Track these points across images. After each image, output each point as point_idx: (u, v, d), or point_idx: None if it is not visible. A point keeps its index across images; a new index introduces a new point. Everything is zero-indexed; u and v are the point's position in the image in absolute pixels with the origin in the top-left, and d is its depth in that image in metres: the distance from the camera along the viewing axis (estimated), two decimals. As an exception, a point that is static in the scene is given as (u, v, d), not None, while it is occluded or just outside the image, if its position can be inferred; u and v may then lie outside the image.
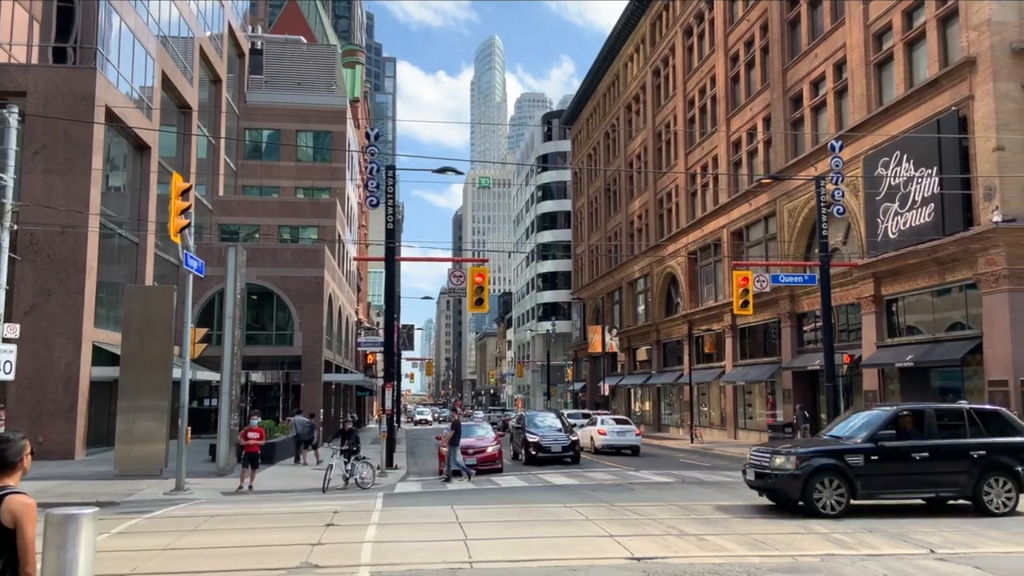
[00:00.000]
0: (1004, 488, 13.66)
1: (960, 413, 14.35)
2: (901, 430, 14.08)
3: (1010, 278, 22.88)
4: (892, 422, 14.04)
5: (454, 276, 28.46)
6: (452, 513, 14.07)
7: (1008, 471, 13.69)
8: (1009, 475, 13.68)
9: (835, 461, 13.49)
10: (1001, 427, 14.22)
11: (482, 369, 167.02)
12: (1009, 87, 23.54)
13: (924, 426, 14.05)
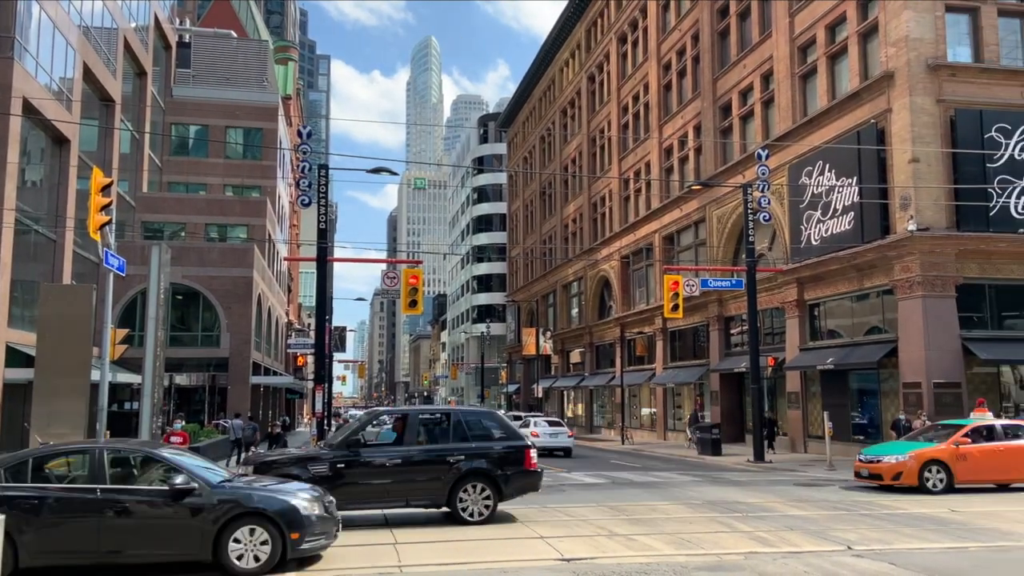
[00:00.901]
0: (482, 495, 13.03)
1: (446, 417, 13.83)
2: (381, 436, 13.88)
3: (923, 284, 23.92)
4: (367, 427, 13.54)
5: (388, 277, 28.18)
6: (382, 516, 13.92)
7: (486, 477, 13.08)
8: (487, 481, 13.07)
9: (298, 470, 12.48)
10: (487, 431, 13.72)
11: (416, 371, 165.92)
12: (924, 101, 24.62)
13: (405, 432, 13.44)
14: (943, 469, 16.99)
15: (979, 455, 17.27)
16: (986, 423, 18.30)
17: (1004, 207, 24.29)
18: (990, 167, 24.32)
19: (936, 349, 23.56)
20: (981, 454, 17.31)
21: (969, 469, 17.07)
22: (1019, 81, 25.21)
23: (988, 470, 17.38)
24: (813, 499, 16.16)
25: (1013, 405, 24.48)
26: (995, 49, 25.38)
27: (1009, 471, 17.51)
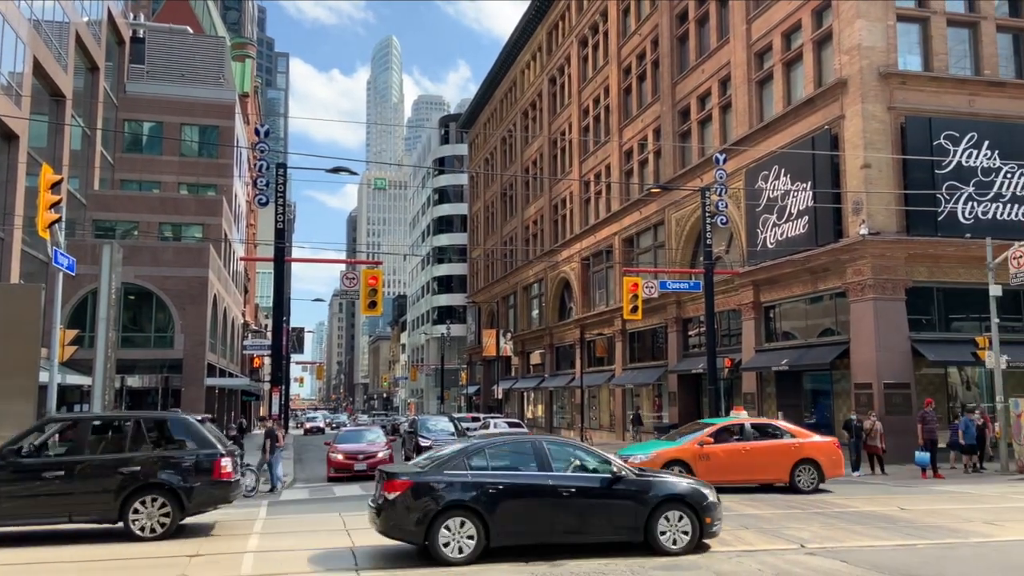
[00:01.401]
0: (159, 509, 11.91)
1: (127, 423, 12.67)
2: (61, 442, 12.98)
3: (875, 287, 24.47)
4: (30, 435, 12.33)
5: (347, 278, 27.92)
6: (340, 520, 13.79)
7: (165, 489, 11.94)
8: (166, 493, 11.95)
9: None
10: (170, 437, 12.64)
11: (375, 373, 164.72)
12: (876, 108, 25.20)
13: (78, 439, 12.40)
14: (684, 469, 16.58)
15: (723, 455, 17.29)
16: (736, 422, 18.58)
17: (952, 212, 24.97)
18: (938, 173, 24.98)
19: (886, 350, 24.11)
20: (725, 454, 17.34)
21: (711, 468, 16.74)
22: (967, 90, 25.94)
23: (730, 469, 17.24)
24: (767, 498, 16.41)
25: (960, 405, 25.15)
26: (944, 58, 26.09)
27: (753, 471, 17.56)
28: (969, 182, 25.18)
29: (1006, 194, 25.42)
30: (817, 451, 17.78)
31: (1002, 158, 25.39)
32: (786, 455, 17.60)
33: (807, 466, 17.54)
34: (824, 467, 17.61)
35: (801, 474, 17.48)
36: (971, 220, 25.01)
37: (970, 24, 26.76)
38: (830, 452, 17.93)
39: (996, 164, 25.37)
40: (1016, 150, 25.51)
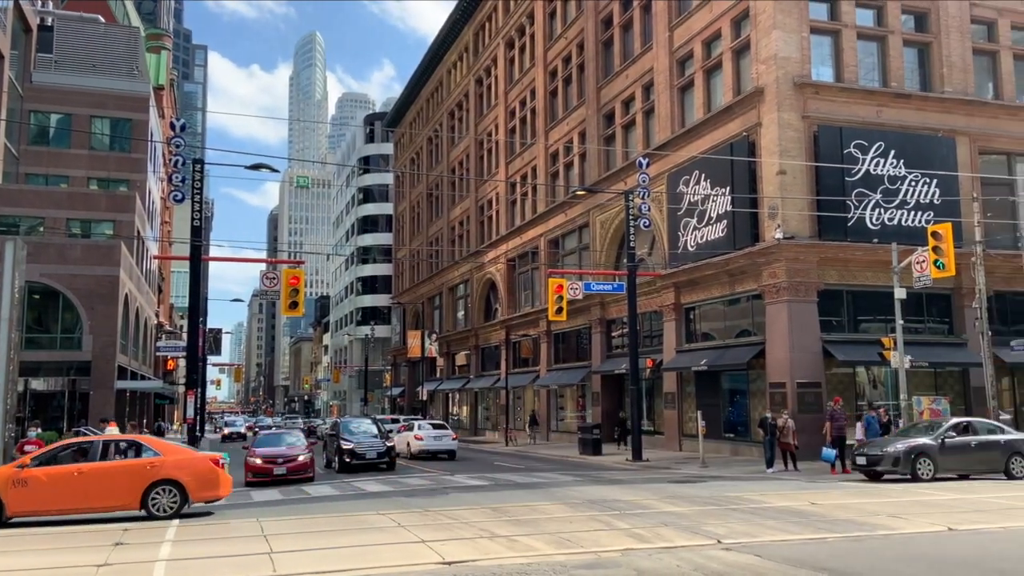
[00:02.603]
0: None
1: None
2: None
3: (789, 290, 25.33)
4: None
5: (267, 278, 27.24)
6: (257, 526, 13.41)
7: None
8: None
9: None
10: None
11: (296, 375, 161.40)
12: (791, 117, 26.10)
13: None
14: None
15: (46, 480, 14.31)
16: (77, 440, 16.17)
17: (861, 218, 26.06)
18: (849, 180, 26.04)
19: (799, 351, 24.99)
20: (49, 479, 14.34)
21: (28, 498, 14.12)
22: (875, 101, 27.13)
23: (58, 498, 14.34)
24: (686, 495, 16.76)
25: (867, 403, 26.24)
26: (854, 70, 27.22)
27: (90, 498, 14.54)
28: (877, 189, 26.33)
29: (910, 201, 26.67)
30: (181, 470, 15.02)
31: (907, 167, 26.64)
32: (139, 477, 14.77)
33: (167, 487, 14.84)
34: (189, 488, 14.95)
35: (158, 498, 14.77)
36: (878, 226, 26.15)
37: (879, 38, 28.01)
38: (199, 471, 15.24)
39: (902, 172, 26.60)
40: (920, 160, 26.82)
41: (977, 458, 19.47)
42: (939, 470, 18.93)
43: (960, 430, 19.80)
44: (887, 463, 19.17)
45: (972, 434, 19.76)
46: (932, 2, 28.43)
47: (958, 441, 19.40)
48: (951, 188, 26.92)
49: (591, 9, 39.52)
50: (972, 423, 20.39)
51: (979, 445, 19.51)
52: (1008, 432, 20.29)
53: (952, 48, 28.32)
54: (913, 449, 18.98)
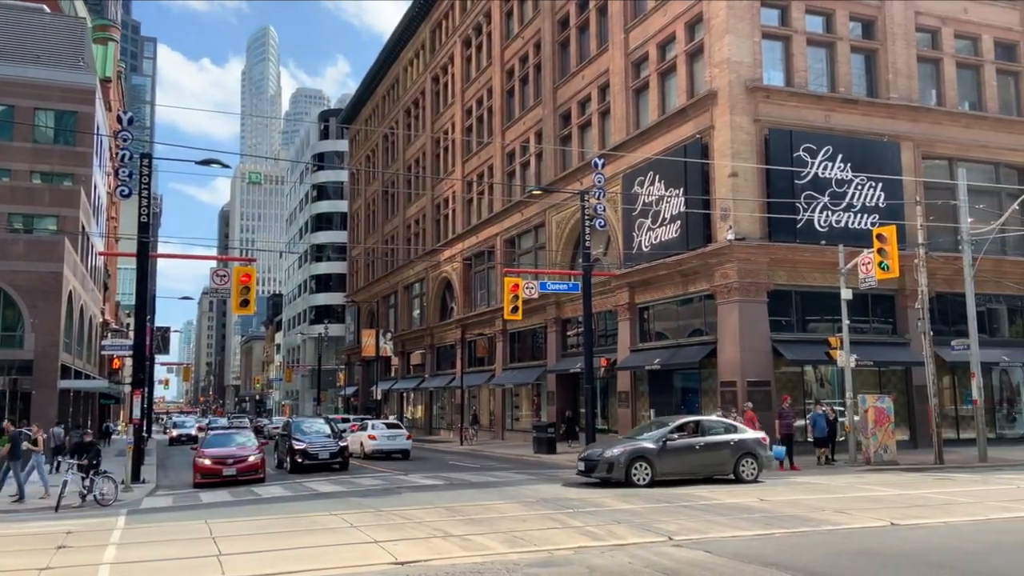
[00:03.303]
0: None
1: None
2: None
3: (740, 290, 25.76)
4: None
5: (218, 276, 26.72)
6: (206, 528, 13.18)
7: None
8: None
9: None
10: None
11: (247, 374, 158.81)
12: (743, 120, 26.54)
13: None
14: None
15: None
16: None
17: (809, 220, 26.63)
18: (798, 183, 26.58)
19: (750, 350, 25.44)
20: None
21: None
22: (824, 106, 27.74)
23: None
24: (638, 493, 16.94)
25: (815, 401, 26.82)
26: (804, 75, 27.80)
27: None
28: (825, 192, 26.93)
29: (857, 204, 27.34)
30: None
31: (854, 170, 27.29)
32: None
33: None
34: None
35: None
36: (826, 228, 26.74)
37: (827, 44, 28.64)
38: None
39: (849, 176, 27.25)
40: (866, 163, 27.50)
41: (703, 460, 18.72)
42: (657, 474, 18.11)
43: (690, 431, 19.16)
44: (602, 469, 18.24)
45: (700, 435, 19.05)
46: (879, 10, 29.18)
47: (682, 443, 18.66)
48: (896, 192, 27.67)
49: (548, 9, 39.65)
50: (703, 423, 19.76)
51: (706, 446, 18.78)
52: (743, 432, 19.54)
53: (898, 55, 29.10)
54: (632, 453, 18.23)
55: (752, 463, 18.95)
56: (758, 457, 19.08)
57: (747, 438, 19.31)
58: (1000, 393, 30.36)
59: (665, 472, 18.35)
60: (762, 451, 19.31)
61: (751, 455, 19.00)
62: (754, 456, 19.02)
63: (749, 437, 19.38)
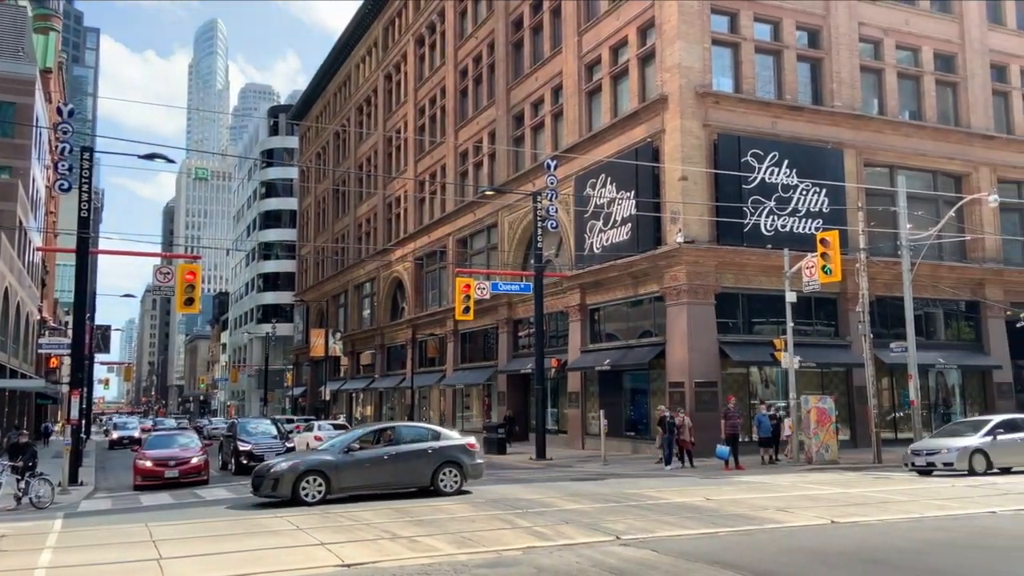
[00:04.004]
0: None
1: None
2: None
3: (689, 292, 26.13)
4: None
5: (161, 273, 26.10)
6: (146, 531, 12.85)
7: None
8: None
9: None
10: None
11: (192, 374, 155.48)
12: (693, 124, 26.93)
13: None
14: None
15: None
16: None
17: (756, 225, 27.15)
18: (745, 188, 27.07)
19: (698, 351, 25.81)
20: None
21: None
22: (771, 112, 28.31)
23: None
24: (587, 493, 17.05)
25: (759, 401, 27.35)
26: (752, 82, 28.33)
27: None
28: (771, 197, 27.48)
29: (801, 209, 27.97)
30: None
31: (799, 176, 27.91)
32: None
33: None
34: None
35: None
36: (772, 232, 27.30)
37: (775, 52, 29.24)
38: None
39: (794, 182, 27.85)
40: (811, 170, 28.14)
41: (394, 471, 16.90)
42: (334, 490, 16.23)
43: (386, 439, 17.65)
44: (267, 487, 16.18)
45: (393, 443, 17.44)
46: (824, 20, 29.89)
47: (369, 454, 16.90)
48: (839, 197, 28.38)
49: (502, 10, 39.67)
50: (399, 429, 18.43)
51: (398, 456, 17.03)
52: (447, 439, 17.89)
53: (842, 64, 29.86)
54: (303, 466, 16.30)
55: (454, 473, 17.19)
56: (462, 466, 17.29)
57: (449, 445, 17.55)
58: (936, 394, 31.40)
59: (346, 487, 16.42)
60: (467, 459, 17.50)
61: (453, 464, 17.23)
62: (458, 465, 17.25)
63: (452, 444, 17.65)
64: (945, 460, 19.91)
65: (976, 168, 31.95)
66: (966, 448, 19.87)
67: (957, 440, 20.41)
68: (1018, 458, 20.35)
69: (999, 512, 13.55)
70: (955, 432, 21.36)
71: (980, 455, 19.86)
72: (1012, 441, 20.28)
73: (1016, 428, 20.68)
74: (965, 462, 19.67)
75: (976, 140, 32.01)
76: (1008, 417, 21.69)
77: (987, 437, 20.17)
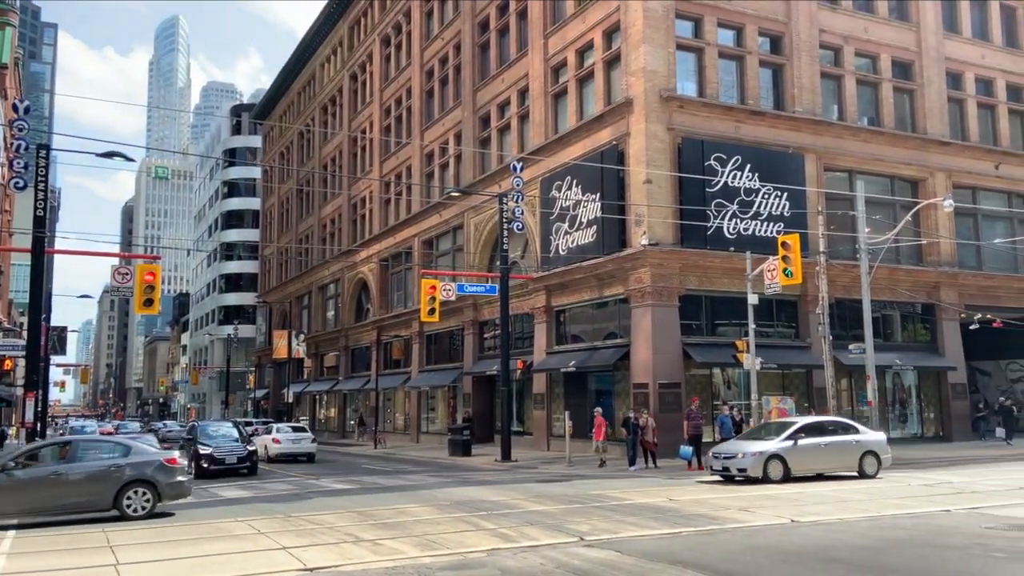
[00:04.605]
0: None
1: None
2: None
3: (653, 294, 26.34)
4: None
5: (119, 273, 25.60)
6: (103, 536, 12.59)
7: None
8: None
9: None
10: None
11: (151, 376, 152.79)
12: (657, 128, 27.16)
13: None
14: None
15: None
16: None
17: (719, 228, 27.46)
18: (709, 191, 27.37)
19: (662, 353, 26.03)
20: None
21: None
22: (733, 117, 28.66)
23: None
24: (552, 494, 17.10)
25: (722, 402, 27.65)
26: (716, 87, 28.66)
27: None
28: (734, 201, 27.82)
29: (763, 213, 28.37)
30: None
31: (761, 180, 28.30)
32: None
33: None
34: None
35: None
36: (735, 235, 27.63)
37: (738, 57, 29.61)
38: None
39: (756, 186, 28.24)
40: (773, 174, 28.55)
41: (63, 493, 14.56)
42: None
43: (60, 457, 15.19)
44: None
45: (73, 460, 14.96)
46: (786, 27, 30.35)
47: (31, 474, 14.57)
48: (800, 201, 28.83)
49: (468, 11, 39.63)
50: (77, 444, 15.83)
51: (68, 477, 14.64)
52: (140, 453, 15.53)
53: (803, 70, 30.35)
54: None
55: (145, 493, 14.90)
56: (157, 484, 15.01)
57: (142, 460, 15.26)
58: (893, 395, 32.05)
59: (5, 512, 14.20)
60: (165, 477, 15.16)
61: (144, 483, 14.91)
62: (151, 484, 14.96)
63: (145, 460, 15.34)
64: (740, 465, 18.49)
65: (932, 173, 32.70)
66: (763, 453, 18.33)
67: (755, 444, 18.92)
68: (823, 464, 19.10)
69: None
70: (758, 435, 19.85)
71: (777, 461, 18.30)
72: (815, 446, 18.83)
73: (822, 431, 19.38)
74: (759, 468, 18.14)
75: (932, 146, 32.76)
76: (813, 420, 20.51)
77: (787, 442, 18.58)
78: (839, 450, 19.18)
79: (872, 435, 20.21)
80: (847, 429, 19.96)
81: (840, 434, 19.55)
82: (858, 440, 19.54)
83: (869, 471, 19.23)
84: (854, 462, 19.25)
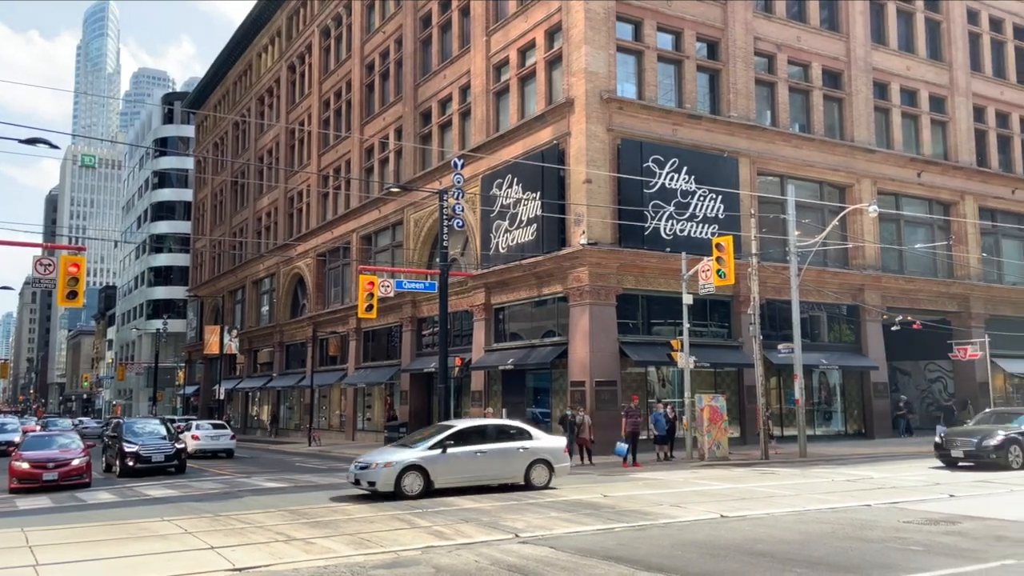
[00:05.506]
0: None
1: None
2: None
3: (591, 293, 26.60)
4: None
5: (41, 264, 24.57)
6: (22, 536, 12.08)
7: None
8: None
9: None
10: None
11: (74, 371, 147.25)
12: (597, 129, 27.42)
13: None
14: None
15: None
16: None
17: (656, 228, 27.89)
18: (646, 192, 27.77)
19: (599, 351, 26.31)
20: None
21: None
22: (671, 120, 29.13)
23: None
24: (487, 492, 17.09)
25: (656, 400, 28.11)
26: (655, 89, 29.09)
27: None
28: (671, 202, 28.29)
29: (699, 215, 28.93)
30: None
31: (697, 183, 28.85)
32: None
33: None
34: None
35: None
36: (671, 236, 28.11)
37: (676, 61, 30.11)
38: None
39: (692, 188, 28.78)
40: (709, 177, 29.14)
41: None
42: None
43: None
44: None
45: None
46: (722, 33, 31.01)
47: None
48: (734, 204, 29.50)
49: (410, 6, 39.29)
50: None
51: None
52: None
53: (738, 76, 31.05)
54: None
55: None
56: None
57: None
58: (819, 393, 33.11)
59: None
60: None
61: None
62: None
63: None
64: (370, 478, 16.06)
65: (859, 180, 33.86)
66: (397, 463, 16.04)
67: (396, 453, 16.77)
68: (479, 474, 16.87)
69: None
70: (410, 442, 17.72)
71: (416, 472, 16.07)
72: (469, 454, 16.70)
73: (483, 437, 17.31)
74: (391, 482, 15.80)
75: (859, 153, 33.91)
76: (473, 424, 18.22)
77: (433, 450, 16.44)
78: (501, 458, 17.02)
79: (547, 441, 18.05)
80: (517, 435, 17.66)
81: (505, 440, 17.34)
82: (526, 447, 17.30)
83: (537, 482, 17.17)
84: (520, 472, 17.17)
